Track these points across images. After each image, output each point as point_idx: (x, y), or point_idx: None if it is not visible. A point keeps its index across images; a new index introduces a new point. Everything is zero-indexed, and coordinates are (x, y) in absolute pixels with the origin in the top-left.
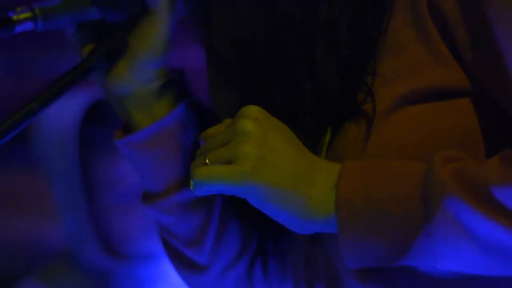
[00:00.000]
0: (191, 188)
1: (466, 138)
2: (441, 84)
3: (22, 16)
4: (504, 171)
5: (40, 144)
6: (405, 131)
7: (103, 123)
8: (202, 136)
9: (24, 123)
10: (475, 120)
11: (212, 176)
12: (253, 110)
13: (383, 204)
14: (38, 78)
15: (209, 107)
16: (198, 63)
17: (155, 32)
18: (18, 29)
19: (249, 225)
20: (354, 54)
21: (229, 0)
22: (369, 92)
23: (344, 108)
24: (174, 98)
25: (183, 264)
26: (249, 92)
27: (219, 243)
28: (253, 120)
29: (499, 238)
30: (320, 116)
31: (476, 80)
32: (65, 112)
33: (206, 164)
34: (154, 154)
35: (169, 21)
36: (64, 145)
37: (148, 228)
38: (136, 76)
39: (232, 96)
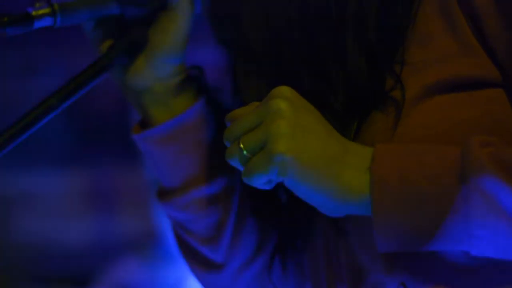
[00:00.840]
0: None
1: (495, 127)
2: (470, 74)
3: (41, 11)
4: None
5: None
6: (433, 120)
7: None
8: (228, 117)
9: (43, 119)
10: (504, 110)
11: (256, 173)
12: (284, 90)
13: (418, 185)
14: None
15: (228, 103)
16: (216, 58)
17: (174, 28)
18: (37, 24)
19: (266, 222)
20: (383, 42)
21: None
22: (398, 80)
23: (372, 96)
24: (192, 94)
25: (199, 262)
26: (278, 82)
27: (236, 240)
28: (285, 99)
29: None
30: (349, 104)
31: (505, 71)
32: None
33: (241, 149)
34: (172, 150)
35: (188, 16)
36: None
37: None
38: (155, 72)
39: (260, 86)
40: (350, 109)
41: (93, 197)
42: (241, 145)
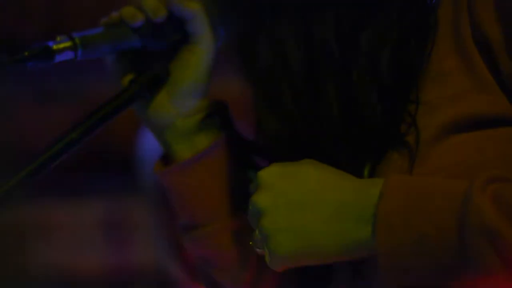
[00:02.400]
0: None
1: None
2: (485, 112)
3: (62, 45)
4: None
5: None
6: (450, 161)
7: None
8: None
9: (64, 153)
10: None
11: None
12: (264, 176)
13: (421, 228)
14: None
15: (250, 138)
16: (237, 92)
17: (196, 61)
18: (58, 58)
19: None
20: (397, 83)
21: (272, 31)
22: (413, 121)
23: (387, 138)
24: (215, 130)
25: None
26: (294, 120)
27: (258, 278)
28: (265, 190)
29: None
30: (363, 145)
31: None
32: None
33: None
34: (194, 186)
35: (210, 50)
36: None
37: None
38: (177, 107)
39: (280, 128)
40: (364, 150)
41: (108, 227)
42: (251, 244)
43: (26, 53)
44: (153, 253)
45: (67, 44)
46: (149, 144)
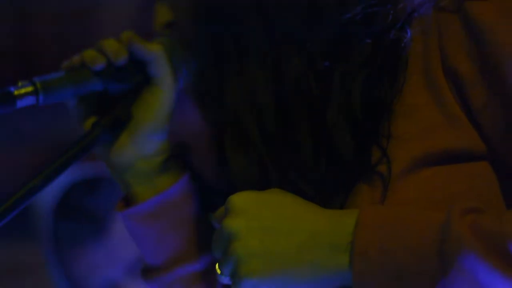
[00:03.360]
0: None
1: (481, 201)
2: (455, 147)
3: (23, 90)
4: None
5: (36, 219)
6: (420, 194)
7: (75, 215)
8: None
9: (28, 200)
10: (490, 184)
11: None
12: (235, 201)
13: (398, 257)
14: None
15: (211, 178)
16: (199, 130)
17: (157, 103)
18: (20, 104)
19: None
20: (368, 117)
21: (240, 68)
22: (384, 154)
23: (358, 170)
24: (177, 171)
25: None
26: (263, 160)
27: None
28: (237, 215)
29: None
30: (335, 179)
31: (491, 143)
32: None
33: (220, 274)
34: (156, 228)
35: (172, 92)
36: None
37: None
38: (138, 149)
39: (249, 163)
40: (336, 182)
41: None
42: (218, 271)
43: None
44: None
45: (29, 89)
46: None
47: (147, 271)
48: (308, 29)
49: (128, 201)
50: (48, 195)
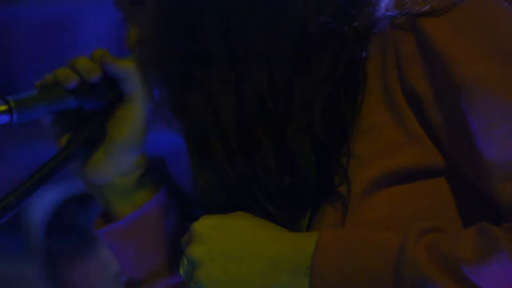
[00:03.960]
0: None
1: (442, 218)
2: (416, 165)
3: None
4: (478, 248)
5: (28, 234)
6: (381, 214)
7: (67, 230)
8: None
9: (2, 217)
10: (450, 199)
11: None
12: (198, 227)
13: (357, 282)
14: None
15: (189, 191)
16: (175, 146)
17: (132, 119)
18: None
19: None
20: (329, 136)
21: (203, 85)
22: (344, 174)
23: (320, 191)
24: (154, 185)
25: None
26: (227, 175)
27: None
28: (199, 242)
29: None
30: (298, 200)
31: (450, 159)
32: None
33: None
34: (135, 243)
35: (145, 107)
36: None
37: None
38: (114, 166)
39: (211, 179)
40: (299, 205)
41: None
42: None
43: None
44: None
45: (2, 107)
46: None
47: (129, 285)
48: (269, 44)
49: (106, 217)
50: (40, 211)
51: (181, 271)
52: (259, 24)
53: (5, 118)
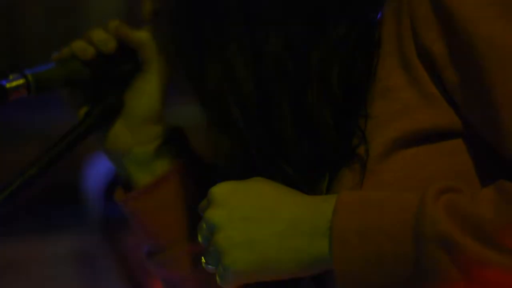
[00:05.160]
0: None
1: (460, 179)
2: (432, 126)
3: (15, 83)
4: (497, 205)
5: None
6: (399, 175)
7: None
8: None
9: (24, 189)
10: (468, 161)
11: (223, 285)
12: (215, 192)
13: (376, 241)
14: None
15: (207, 161)
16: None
17: (150, 88)
18: (12, 97)
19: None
20: (346, 99)
21: (219, 52)
22: (362, 135)
23: (339, 154)
24: (173, 155)
25: None
26: (246, 140)
27: None
28: (217, 206)
29: (492, 275)
30: (317, 163)
31: (467, 120)
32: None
33: (206, 264)
34: (155, 211)
35: (162, 77)
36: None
37: None
38: (134, 135)
39: (230, 143)
40: (318, 166)
41: (80, 261)
42: (203, 261)
43: None
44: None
45: (20, 81)
46: (96, 175)
47: (151, 254)
48: (285, 7)
49: (127, 187)
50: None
51: (199, 236)
52: None
53: (23, 92)
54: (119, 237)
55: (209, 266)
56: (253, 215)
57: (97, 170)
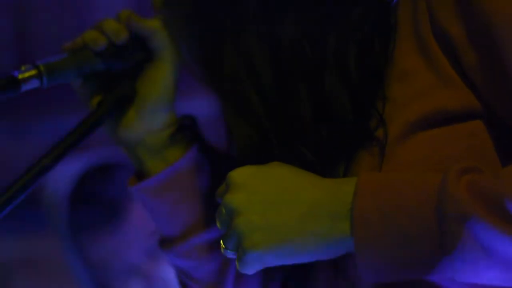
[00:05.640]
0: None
1: (480, 160)
2: (451, 108)
3: (27, 74)
4: None
5: (51, 207)
6: (418, 157)
7: (91, 201)
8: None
9: (37, 180)
10: (487, 142)
11: (242, 270)
12: (235, 176)
13: (398, 222)
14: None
15: (221, 149)
16: (207, 107)
17: (161, 77)
18: (24, 87)
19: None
20: (364, 83)
21: (236, 39)
22: (380, 118)
23: (358, 136)
24: (186, 143)
25: None
26: (264, 125)
27: (239, 284)
28: (237, 190)
29: None
30: (335, 143)
31: (486, 102)
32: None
33: (224, 249)
34: (169, 199)
35: (174, 65)
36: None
37: None
38: (146, 124)
39: (251, 134)
40: (336, 148)
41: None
42: (222, 246)
43: None
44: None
45: (32, 72)
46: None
47: (164, 242)
48: None
49: (140, 175)
50: (63, 183)
51: (217, 221)
52: None
53: (35, 83)
54: (88, 244)
55: (228, 251)
56: (273, 198)
57: (63, 173)
